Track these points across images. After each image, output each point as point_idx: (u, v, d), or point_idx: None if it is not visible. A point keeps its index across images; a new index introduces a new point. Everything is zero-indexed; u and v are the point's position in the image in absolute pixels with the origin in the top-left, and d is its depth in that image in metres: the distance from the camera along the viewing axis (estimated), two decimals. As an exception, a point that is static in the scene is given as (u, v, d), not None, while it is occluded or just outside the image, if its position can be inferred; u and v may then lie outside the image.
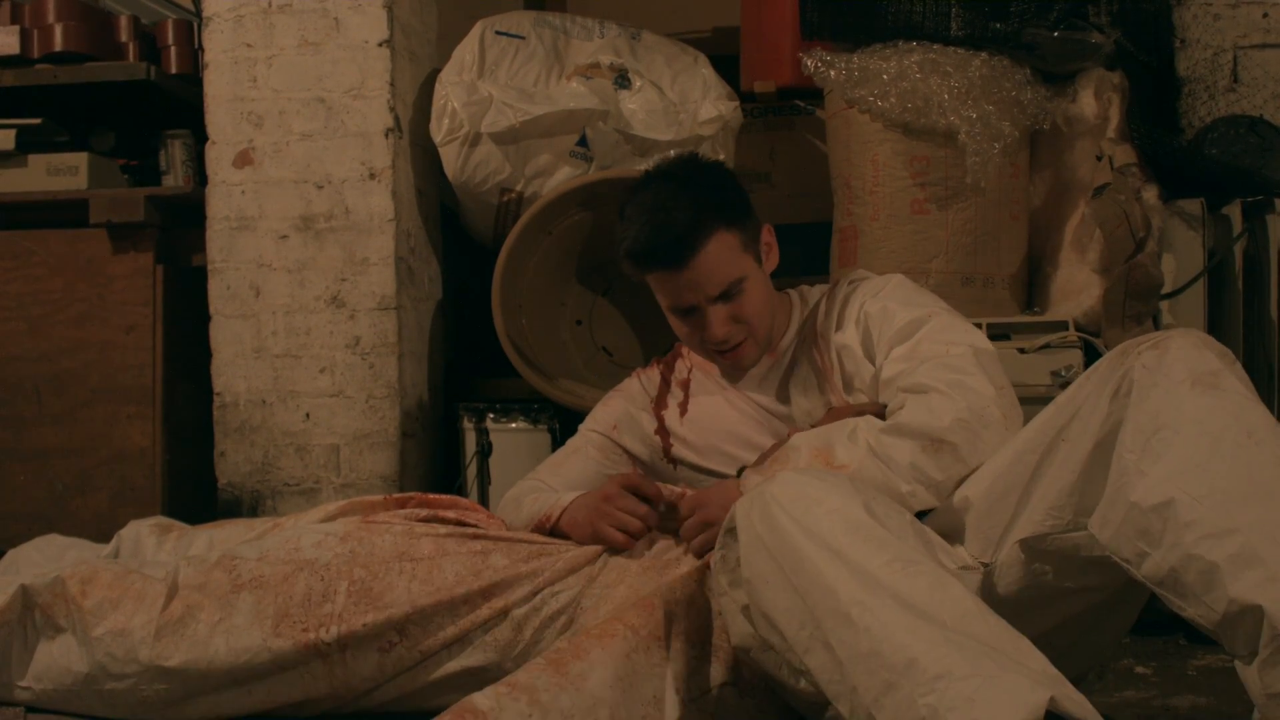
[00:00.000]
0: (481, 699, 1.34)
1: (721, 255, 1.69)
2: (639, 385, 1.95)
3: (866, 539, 1.27)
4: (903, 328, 1.66)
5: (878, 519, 1.30)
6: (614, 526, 1.64)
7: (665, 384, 1.92)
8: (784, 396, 1.79)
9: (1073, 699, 1.10)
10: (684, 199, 1.69)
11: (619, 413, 1.92)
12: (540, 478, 1.87)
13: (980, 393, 1.53)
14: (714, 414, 1.83)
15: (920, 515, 1.51)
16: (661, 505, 1.67)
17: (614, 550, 1.64)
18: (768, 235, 1.80)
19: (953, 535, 1.48)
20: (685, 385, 1.89)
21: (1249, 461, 1.19)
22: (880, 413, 1.62)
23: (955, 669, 1.12)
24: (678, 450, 1.86)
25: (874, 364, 1.69)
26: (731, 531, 1.39)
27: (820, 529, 1.28)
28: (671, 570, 1.59)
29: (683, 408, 1.87)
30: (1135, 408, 1.27)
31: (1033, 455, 1.40)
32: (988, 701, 1.08)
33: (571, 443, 1.94)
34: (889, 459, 1.50)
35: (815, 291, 1.88)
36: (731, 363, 1.79)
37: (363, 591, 1.60)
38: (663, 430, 1.87)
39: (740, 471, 1.65)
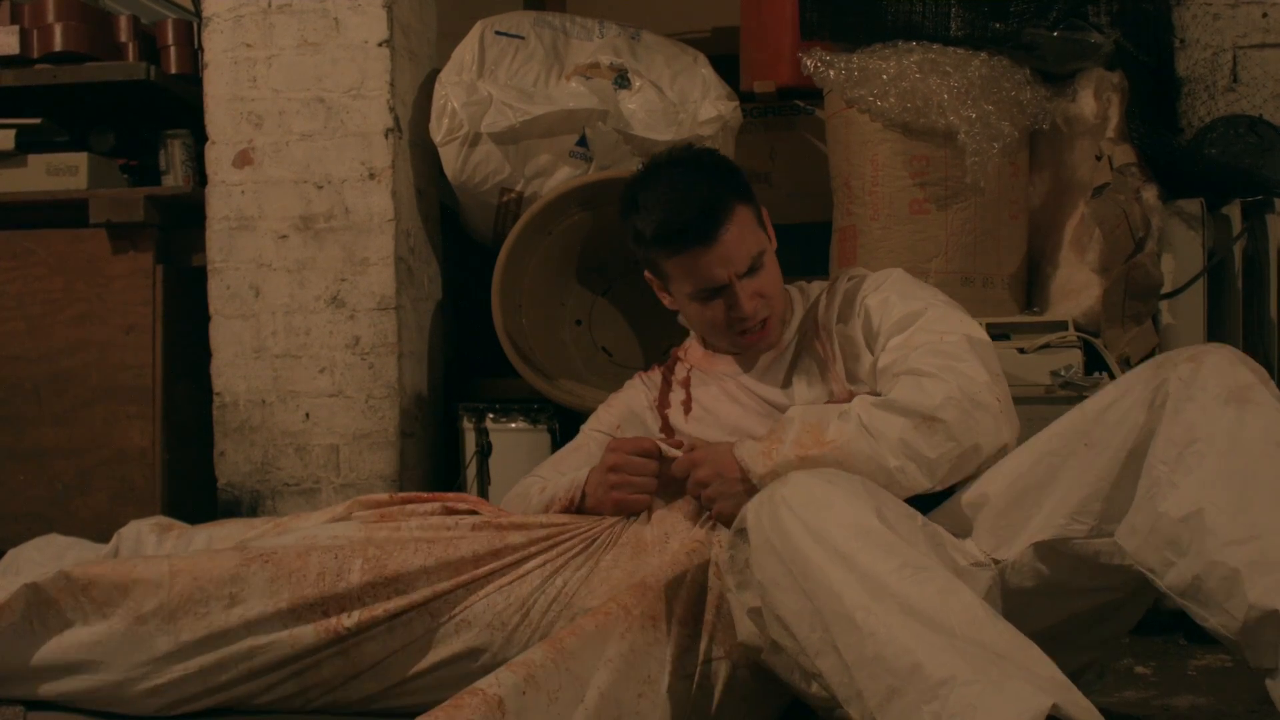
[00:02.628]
0: (482, 681, 1.34)
1: (744, 228, 1.72)
2: (641, 385, 1.96)
3: (875, 544, 1.27)
4: (901, 319, 1.68)
5: (888, 524, 1.30)
6: (629, 491, 1.67)
7: (667, 384, 1.93)
8: (787, 388, 1.80)
9: (1078, 704, 1.10)
10: (700, 178, 1.73)
11: (622, 413, 1.93)
12: (542, 475, 1.88)
13: (972, 377, 1.55)
14: (718, 410, 1.84)
15: (934, 506, 1.53)
16: (660, 454, 1.70)
17: (631, 516, 1.67)
18: (766, 218, 1.84)
19: (964, 530, 1.48)
20: (686, 384, 1.90)
21: (1276, 472, 1.21)
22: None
23: (959, 674, 1.12)
24: None
25: (873, 354, 1.71)
26: (741, 533, 1.39)
27: (829, 534, 1.28)
28: (660, 549, 1.60)
29: (686, 406, 1.88)
30: (1169, 420, 1.28)
31: (1055, 458, 1.41)
32: (990, 709, 1.08)
33: (574, 442, 1.95)
34: (879, 434, 1.52)
35: (815, 286, 1.90)
36: (755, 342, 1.81)
37: (377, 567, 1.60)
38: (667, 429, 1.88)
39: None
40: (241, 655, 1.60)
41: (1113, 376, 2.00)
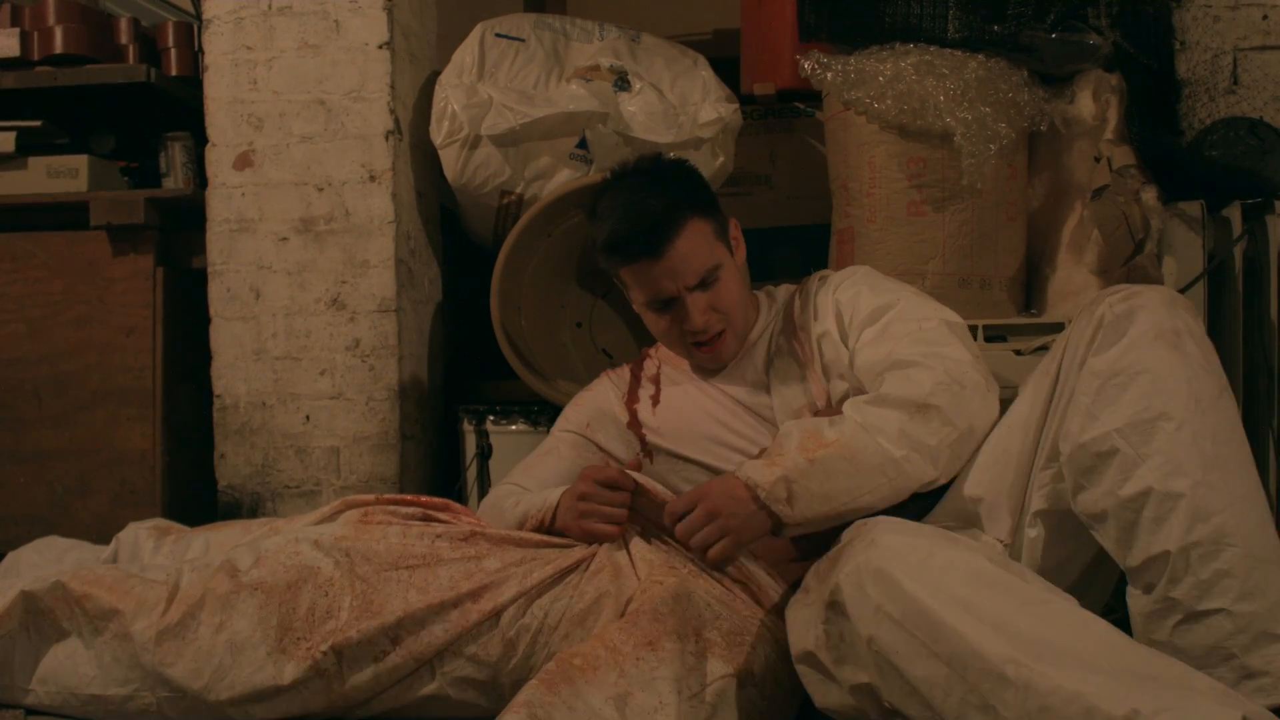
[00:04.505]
0: None
1: (696, 242, 1.73)
2: (608, 382, 1.98)
3: (991, 586, 1.26)
4: (873, 311, 1.71)
5: (994, 561, 1.31)
6: (599, 521, 1.64)
7: (635, 379, 1.96)
8: (761, 388, 1.82)
9: (1260, 713, 1.12)
10: (655, 190, 1.75)
11: (590, 411, 1.94)
12: (515, 482, 1.88)
13: (957, 359, 1.59)
14: (687, 402, 1.86)
15: (933, 501, 1.54)
16: (632, 485, 1.66)
17: (608, 545, 1.64)
18: (735, 230, 1.86)
19: (971, 521, 1.49)
20: (655, 379, 1.92)
21: (1195, 430, 1.29)
22: None
23: (1142, 706, 1.11)
24: (653, 440, 1.88)
25: (848, 348, 1.73)
26: (835, 605, 1.36)
27: (946, 585, 1.27)
28: (640, 572, 1.59)
29: (654, 399, 1.90)
30: (1097, 351, 1.36)
31: (1034, 427, 1.47)
32: None
33: (544, 445, 1.96)
34: (878, 429, 1.53)
35: (783, 290, 1.93)
36: (710, 355, 1.82)
37: (364, 606, 1.59)
38: (635, 422, 1.89)
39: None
40: (226, 680, 1.59)
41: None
